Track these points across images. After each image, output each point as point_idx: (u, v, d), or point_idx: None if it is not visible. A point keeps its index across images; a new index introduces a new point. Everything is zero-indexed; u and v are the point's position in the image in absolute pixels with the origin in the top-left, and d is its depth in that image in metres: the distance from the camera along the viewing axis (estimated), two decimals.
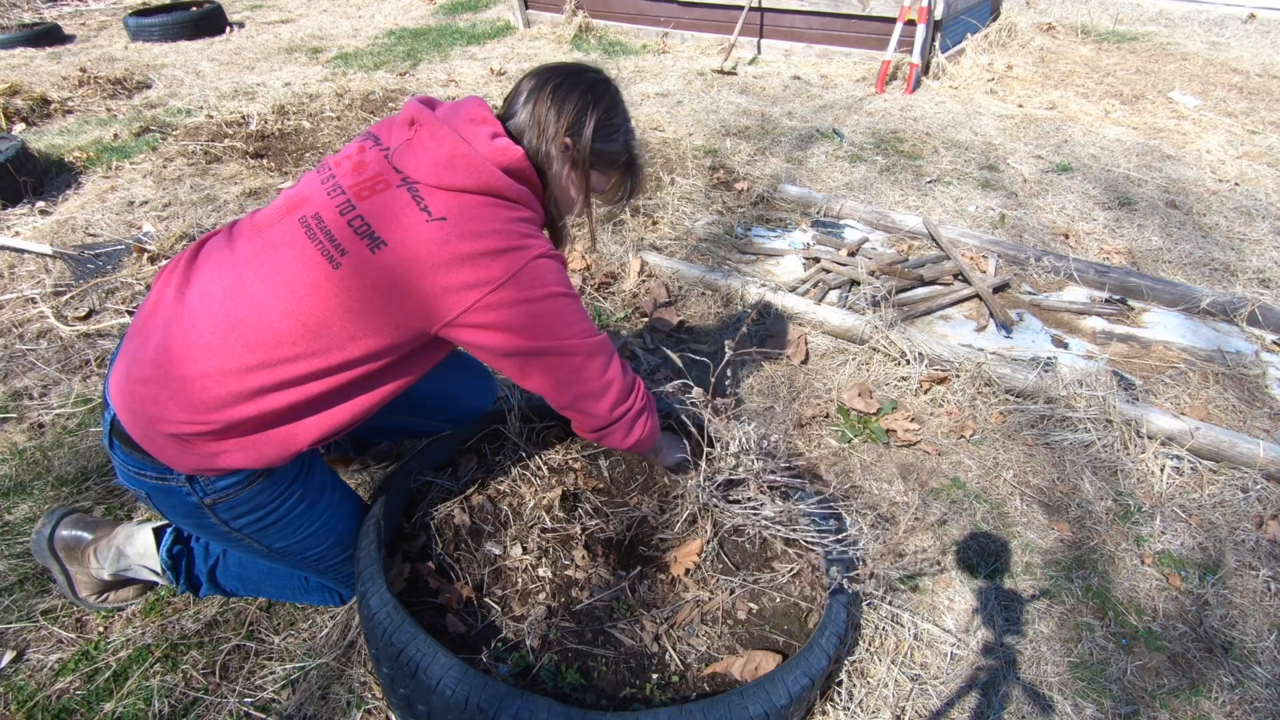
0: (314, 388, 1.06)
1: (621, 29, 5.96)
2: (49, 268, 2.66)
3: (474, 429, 1.63)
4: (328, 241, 1.03)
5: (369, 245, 1.02)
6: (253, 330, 1.02)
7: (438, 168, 1.04)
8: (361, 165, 1.09)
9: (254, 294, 1.04)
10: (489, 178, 1.05)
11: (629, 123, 1.26)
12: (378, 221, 1.02)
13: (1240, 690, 1.42)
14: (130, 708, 1.31)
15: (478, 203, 1.05)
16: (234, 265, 1.08)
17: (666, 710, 1.05)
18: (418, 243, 1.01)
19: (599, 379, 1.20)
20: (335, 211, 1.05)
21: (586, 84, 1.18)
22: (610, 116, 1.20)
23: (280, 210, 1.11)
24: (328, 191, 1.08)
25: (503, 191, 1.07)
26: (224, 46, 5.86)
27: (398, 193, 1.04)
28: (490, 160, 1.06)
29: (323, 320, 1.02)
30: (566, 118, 1.16)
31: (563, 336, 1.13)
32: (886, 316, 2.32)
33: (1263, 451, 1.85)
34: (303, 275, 1.03)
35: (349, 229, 1.03)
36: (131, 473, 1.14)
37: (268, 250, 1.06)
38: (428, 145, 1.06)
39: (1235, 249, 2.97)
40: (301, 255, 1.04)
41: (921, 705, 1.37)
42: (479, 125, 1.10)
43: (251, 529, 1.19)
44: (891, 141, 3.93)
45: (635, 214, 3.03)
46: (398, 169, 1.06)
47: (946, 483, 1.87)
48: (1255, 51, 5.63)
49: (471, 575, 1.33)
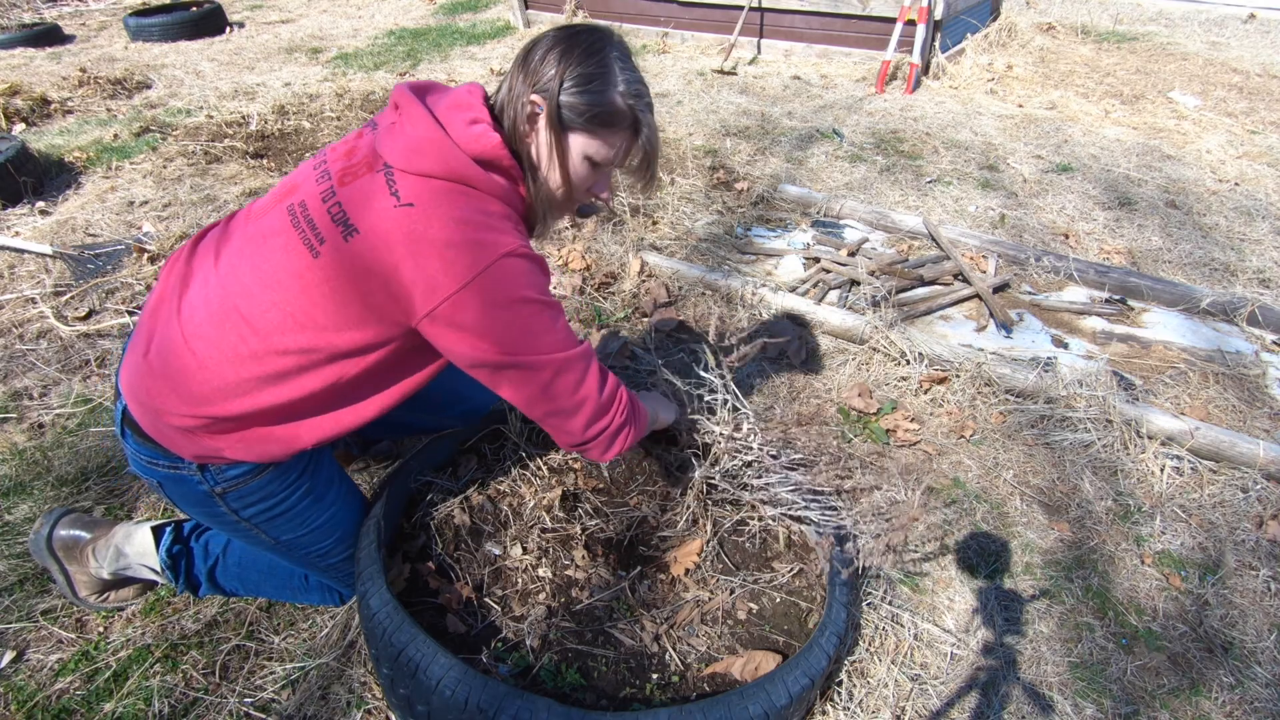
0: (307, 384, 1.05)
1: (622, 29, 5.95)
2: (49, 268, 2.66)
3: (474, 429, 1.63)
4: (309, 230, 1.02)
5: (343, 233, 1.00)
6: (245, 319, 1.03)
7: (409, 152, 1.01)
8: (353, 150, 1.07)
9: (245, 283, 1.04)
10: (457, 165, 1.00)
11: (626, 73, 1.06)
12: (353, 208, 1.00)
13: (1240, 690, 1.42)
14: (130, 708, 1.31)
15: (446, 189, 1.00)
16: (229, 255, 1.08)
17: (666, 710, 1.05)
18: (385, 229, 0.98)
19: (570, 396, 1.11)
20: (318, 199, 1.03)
21: (565, 36, 1.05)
22: (586, 64, 1.03)
23: (275, 198, 1.11)
24: (317, 177, 1.07)
25: (472, 180, 1.02)
26: (224, 46, 5.86)
27: (375, 178, 1.01)
28: (462, 147, 1.01)
29: (308, 310, 1.02)
30: (534, 75, 1.04)
31: (530, 349, 1.05)
32: (886, 316, 2.32)
33: (1263, 451, 1.85)
34: (287, 264, 1.02)
35: (328, 216, 1.01)
36: (144, 462, 1.15)
37: (258, 239, 1.06)
38: (405, 129, 1.03)
39: (1235, 249, 2.97)
40: (286, 244, 1.03)
41: (921, 705, 1.37)
42: (460, 111, 1.05)
43: (260, 519, 1.20)
44: (891, 141, 3.93)
45: (635, 214, 3.03)
46: (380, 154, 1.03)
47: (946, 483, 1.87)
48: (1255, 51, 5.63)
49: (471, 575, 1.33)
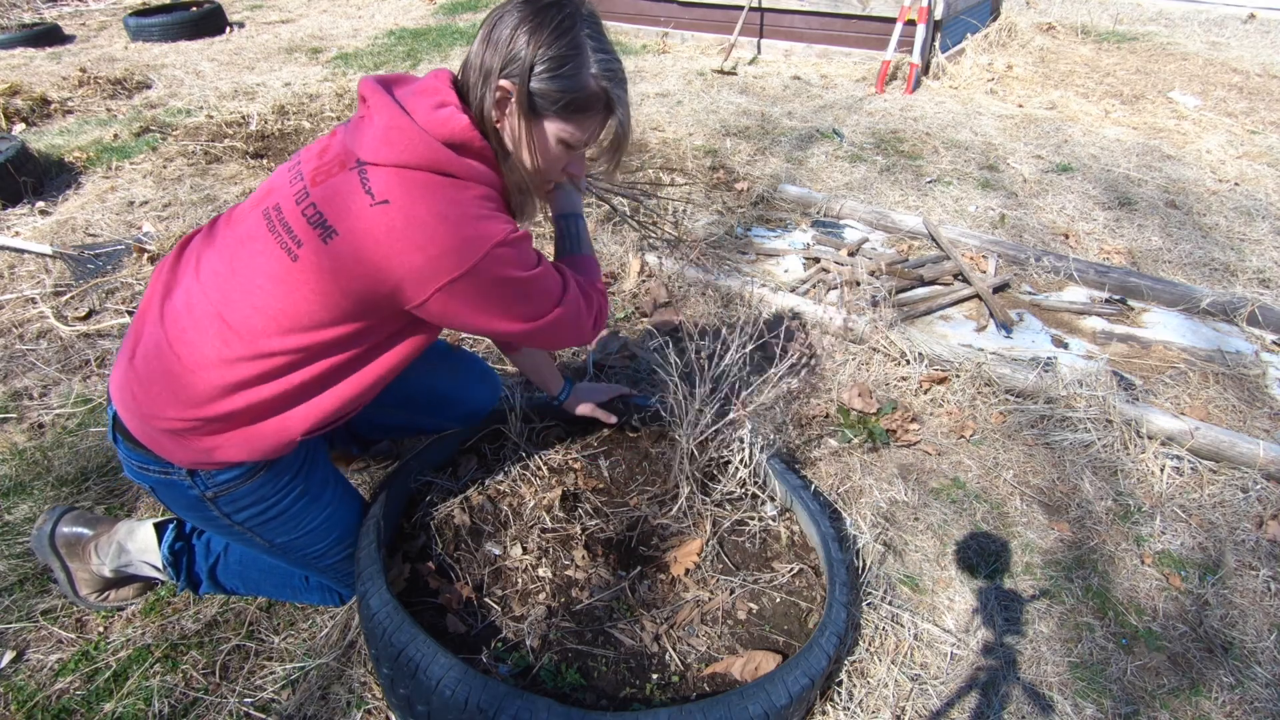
0: (296, 377, 1.06)
1: (621, 29, 5.95)
2: (49, 268, 2.66)
3: (474, 429, 1.63)
4: (285, 234, 1.02)
5: (321, 235, 0.99)
6: (229, 325, 1.03)
7: (376, 143, 0.98)
8: (325, 149, 1.06)
9: (226, 289, 1.04)
10: (427, 151, 0.97)
11: (599, 52, 1.03)
12: (329, 209, 0.99)
13: (1240, 690, 1.42)
14: (130, 708, 1.31)
15: (421, 181, 0.97)
16: (210, 262, 1.09)
17: (666, 710, 1.05)
18: (365, 231, 0.96)
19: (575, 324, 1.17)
20: (292, 201, 1.03)
21: (533, 12, 0.98)
22: (558, 45, 0.98)
23: (252, 202, 1.11)
24: (290, 179, 1.06)
25: (445, 167, 0.98)
26: (224, 46, 5.86)
27: (348, 176, 0.99)
28: (429, 132, 0.98)
29: (291, 313, 1.02)
30: (501, 57, 0.99)
31: (527, 312, 1.09)
32: (886, 316, 2.32)
33: (1263, 451, 1.85)
34: (266, 269, 1.02)
35: (303, 219, 1.01)
36: (136, 467, 1.16)
37: (237, 245, 1.07)
38: (372, 120, 1.00)
39: (1235, 249, 2.97)
40: (264, 249, 1.03)
41: (921, 705, 1.37)
42: (425, 96, 1.02)
43: (254, 523, 1.20)
44: (891, 141, 3.93)
45: (636, 214, 3.03)
46: (350, 150, 1.01)
47: (946, 483, 1.87)
48: (1255, 51, 5.63)
49: (471, 575, 1.33)
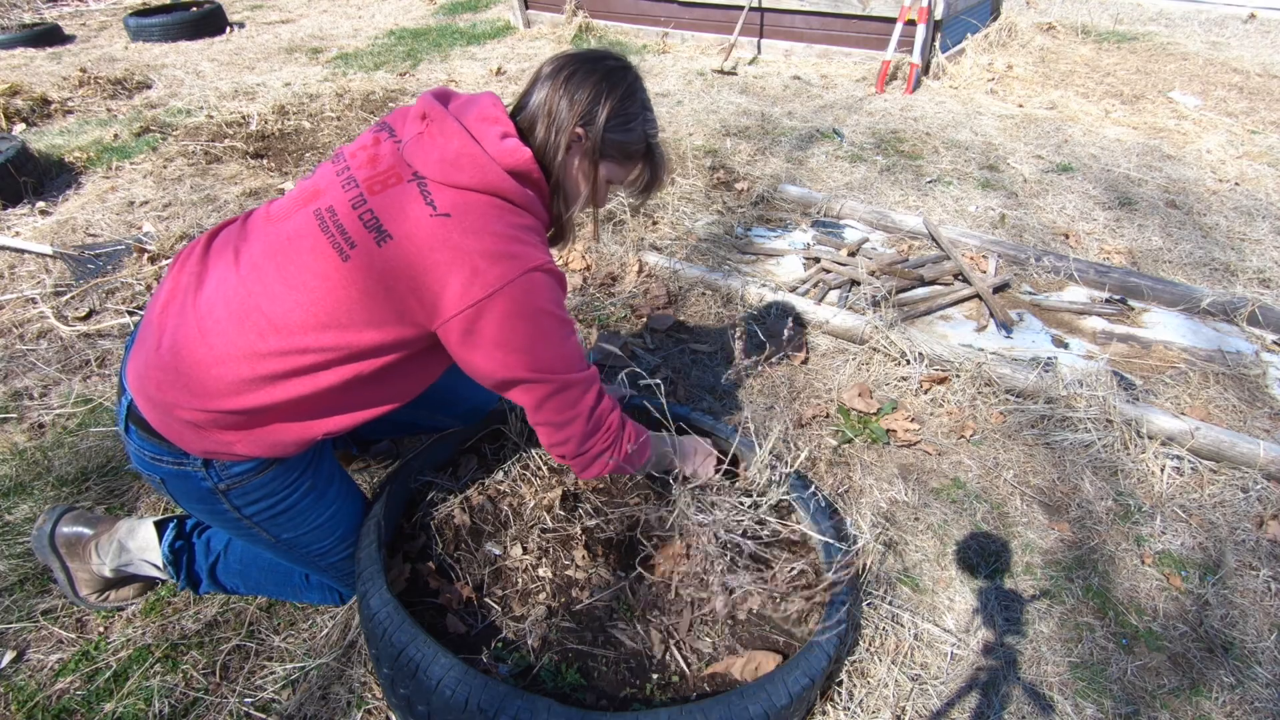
0: (324, 378, 1.08)
1: (622, 29, 5.96)
2: (49, 268, 2.66)
3: (474, 429, 1.63)
4: (339, 234, 1.05)
5: (376, 239, 1.03)
6: (267, 318, 1.05)
7: (445, 165, 1.04)
8: (376, 158, 1.10)
9: (269, 283, 1.06)
10: (494, 179, 1.05)
11: (649, 111, 1.21)
12: (386, 215, 1.04)
13: (1240, 690, 1.42)
14: (130, 708, 1.31)
15: (482, 203, 1.05)
16: (250, 255, 1.10)
17: (667, 710, 1.05)
18: (420, 236, 1.01)
19: (566, 412, 1.16)
20: (348, 205, 1.06)
21: (603, 71, 1.14)
22: (626, 104, 1.15)
23: (296, 202, 1.13)
24: (342, 184, 1.09)
25: (507, 194, 1.07)
26: (224, 47, 5.86)
27: (407, 187, 1.04)
28: (497, 161, 1.06)
29: (332, 311, 1.05)
30: (579, 106, 1.12)
31: (541, 361, 1.10)
32: (886, 316, 2.32)
33: (1263, 451, 1.85)
34: (315, 266, 1.05)
35: (359, 222, 1.04)
36: (148, 458, 1.15)
37: (284, 242, 1.09)
38: (437, 140, 1.06)
39: (1235, 249, 2.96)
40: (315, 247, 1.06)
41: (921, 705, 1.37)
42: (490, 124, 1.09)
43: (262, 517, 1.21)
44: (891, 141, 3.93)
45: (635, 214, 3.03)
46: (409, 163, 1.07)
47: (946, 483, 1.87)
48: (1255, 51, 5.63)
49: (471, 575, 1.33)
